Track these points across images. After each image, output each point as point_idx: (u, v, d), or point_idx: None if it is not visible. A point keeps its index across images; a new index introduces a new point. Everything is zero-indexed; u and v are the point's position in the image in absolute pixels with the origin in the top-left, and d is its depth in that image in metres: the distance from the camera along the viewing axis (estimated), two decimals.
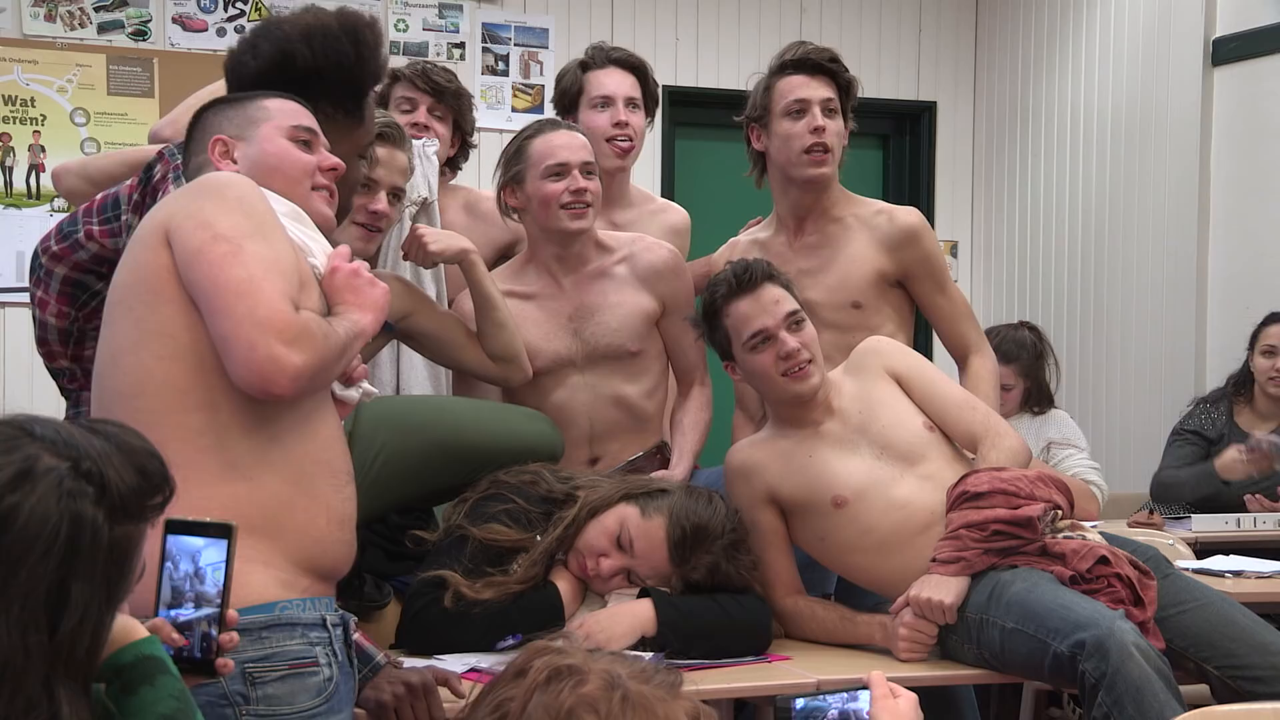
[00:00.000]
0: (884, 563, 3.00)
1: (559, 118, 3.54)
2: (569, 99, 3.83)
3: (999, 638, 2.80)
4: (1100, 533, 3.03)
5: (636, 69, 3.84)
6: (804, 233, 3.49)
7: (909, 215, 3.49)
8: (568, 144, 3.31)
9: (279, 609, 2.05)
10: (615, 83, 3.78)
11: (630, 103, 3.78)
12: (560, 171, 3.28)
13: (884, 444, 3.06)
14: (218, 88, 2.77)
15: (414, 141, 3.56)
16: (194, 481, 1.96)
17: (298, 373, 2.01)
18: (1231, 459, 4.88)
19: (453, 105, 3.71)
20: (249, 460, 2.05)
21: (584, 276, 3.39)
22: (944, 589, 2.83)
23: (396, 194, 3.19)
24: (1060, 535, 2.90)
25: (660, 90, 3.95)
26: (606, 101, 3.77)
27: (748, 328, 3.06)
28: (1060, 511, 2.93)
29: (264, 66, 2.53)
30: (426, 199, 3.58)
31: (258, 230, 2.07)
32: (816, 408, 3.11)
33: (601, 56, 3.83)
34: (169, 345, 2.03)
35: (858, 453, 3.06)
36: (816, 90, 3.42)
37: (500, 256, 3.68)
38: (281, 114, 2.33)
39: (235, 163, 2.28)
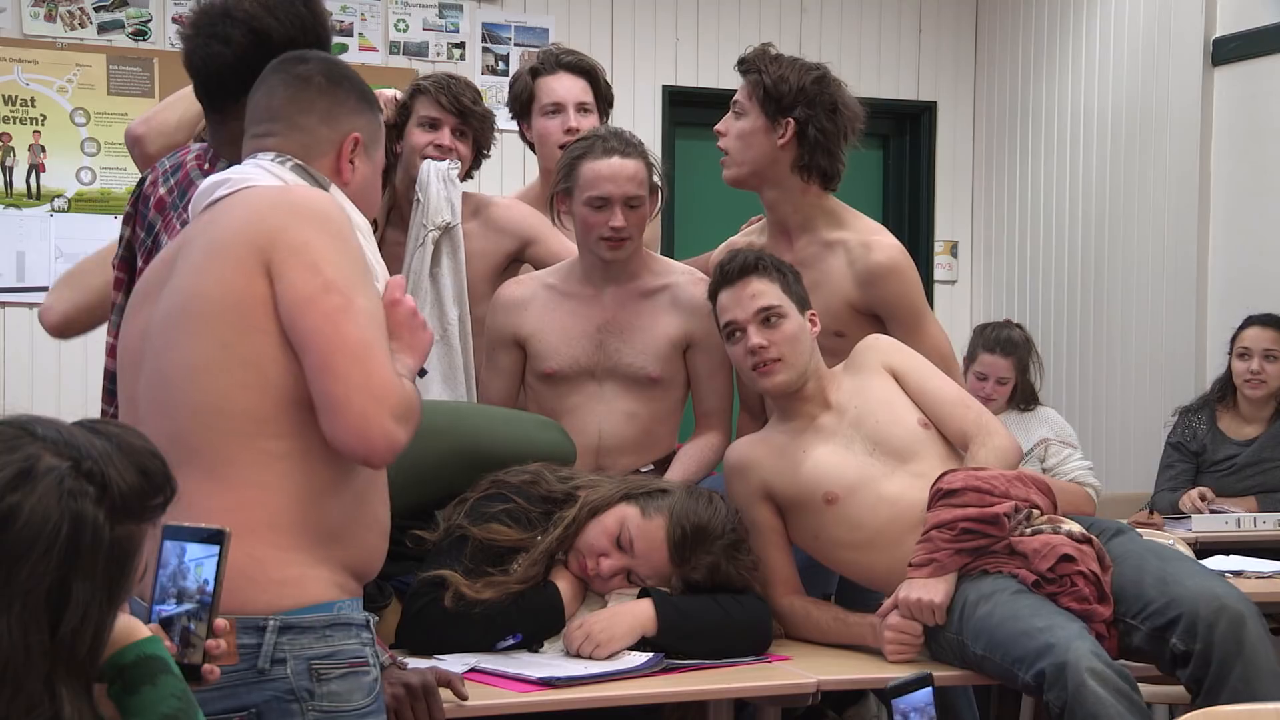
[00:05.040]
0: (875, 559, 3.00)
1: (611, 134, 3.38)
2: (521, 105, 3.82)
3: (975, 660, 2.82)
4: (1073, 518, 3.01)
5: (587, 73, 3.81)
6: (794, 249, 3.45)
7: (883, 253, 3.34)
8: (613, 176, 3.25)
9: (337, 609, 2.07)
10: (565, 88, 3.77)
11: (581, 107, 3.77)
12: (602, 205, 3.27)
13: (878, 440, 3.06)
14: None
15: (437, 164, 3.55)
16: (269, 500, 2.00)
17: (400, 447, 2.03)
18: None
19: (477, 127, 3.65)
20: (321, 482, 2.05)
21: (624, 292, 3.38)
22: (931, 589, 2.83)
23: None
24: (1029, 531, 2.88)
25: (664, 92, 3.92)
26: (557, 108, 3.76)
27: (722, 318, 3.12)
28: (1038, 511, 2.92)
29: (242, 51, 2.54)
30: (450, 223, 3.55)
31: (361, 276, 2.06)
32: (810, 401, 3.11)
33: (551, 62, 3.80)
34: (254, 375, 2.00)
35: (851, 449, 3.06)
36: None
37: (509, 262, 3.67)
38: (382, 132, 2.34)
39: (354, 168, 2.24)
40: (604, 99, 3.85)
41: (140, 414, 2.08)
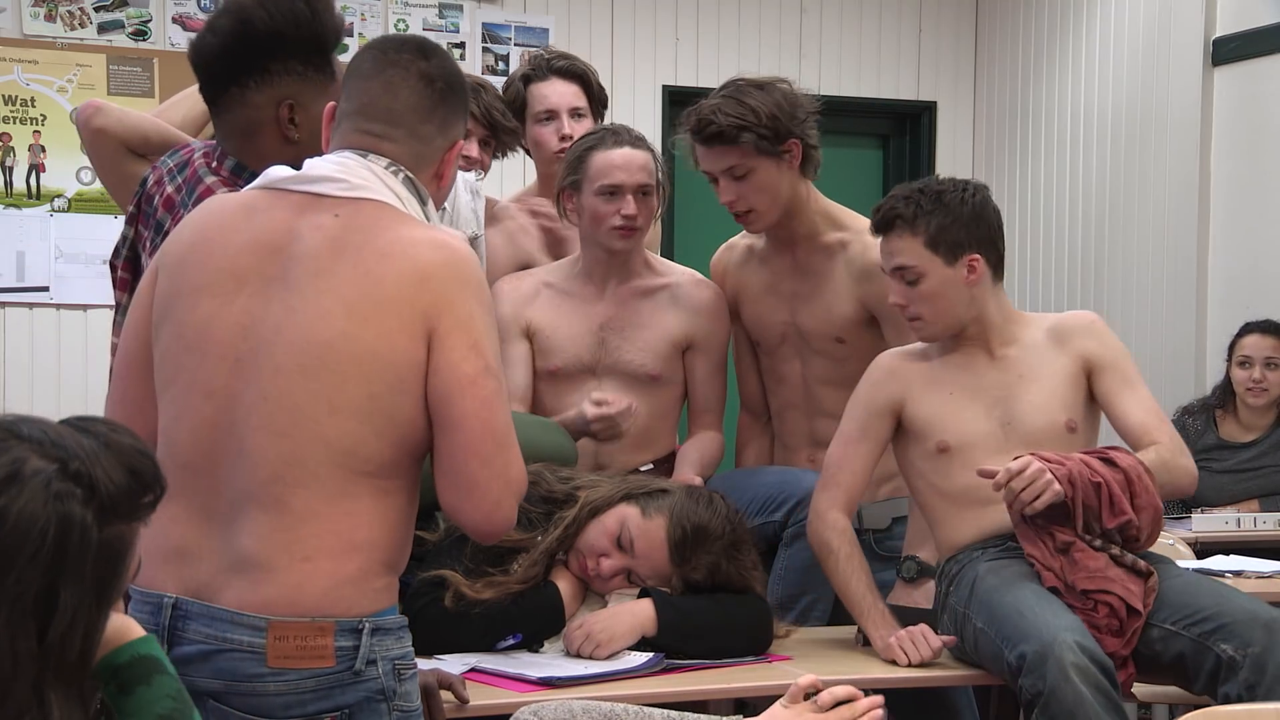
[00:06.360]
0: (944, 514, 3.01)
1: (619, 128, 3.44)
2: (513, 111, 3.78)
3: (973, 635, 2.83)
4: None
5: (579, 77, 3.79)
6: (795, 255, 3.44)
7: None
8: (625, 164, 3.29)
9: (398, 610, 2.12)
10: (558, 94, 3.75)
11: (574, 113, 3.75)
12: (614, 192, 3.28)
13: (1015, 418, 2.99)
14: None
15: (464, 175, 3.53)
16: (377, 522, 2.04)
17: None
18: None
19: (507, 142, 3.65)
20: (410, 508, 2.12)
21: (626, 291, 3.40)
22: (1052, 481, 2.74)
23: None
24: (1097, 544, 2.82)
25: (664, 92, 3.91)
26: (550, 114, 3.74)
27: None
28: (1134, 534, 2.85)
29: (226, 40, 2.55)
30: (476, 235, 3.55)
31: (499, 348, 2.12)
32: (972, 341, 3.04)
33: (543, 67, 3.78)
34: (391, 427, 2.03)
35: (990, 414, 3.00)
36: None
37: (519, 267, 3.67)
38: None
39: (450, 171, 2.24)
40: (598, 101, 3.83)
41: (242, 419, 2.04)
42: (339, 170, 2.12)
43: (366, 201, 2.10)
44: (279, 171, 2.17)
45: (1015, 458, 2.81)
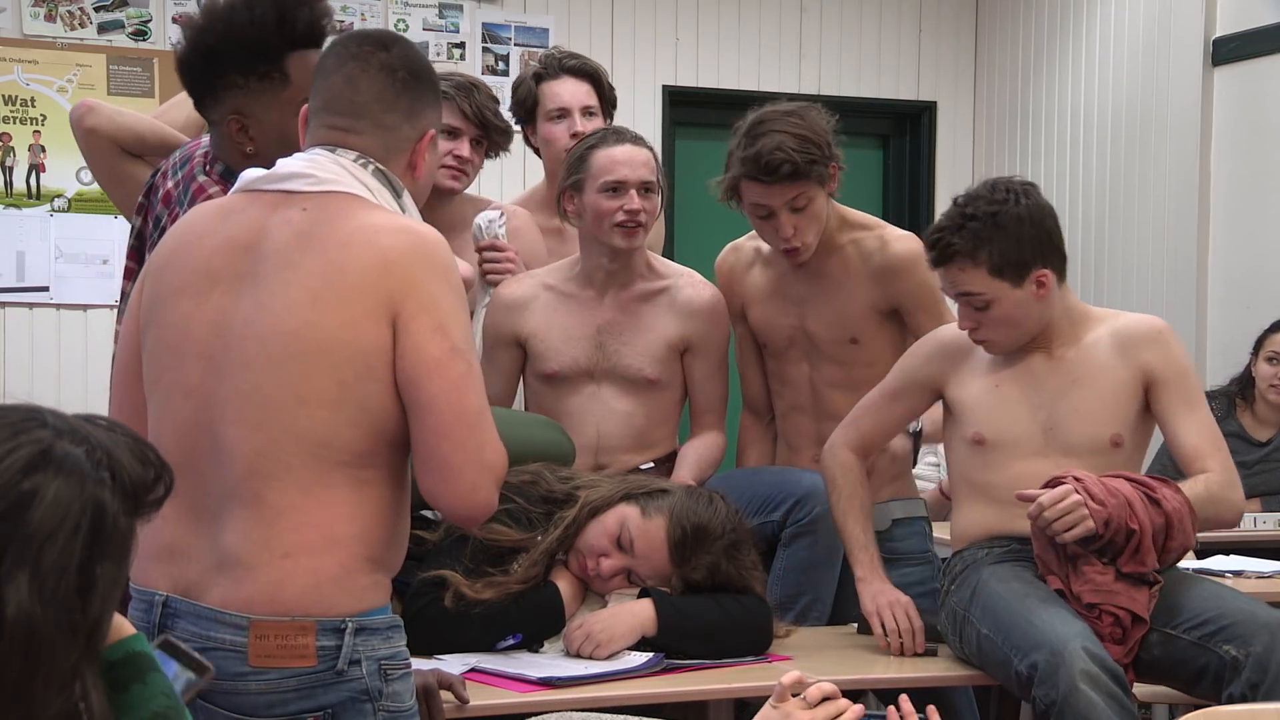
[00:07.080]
0: (968, 504, 3.00)
1: (621, 128, 3.46)
2: (524, 110, 3.80)
3: (976, 640, 2.82)
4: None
5: (591, 76, 3.80)
6: (808, 261, 3.45)
7: (903, 244, 3.31)
8: (628, 160, 3.30)
9: (389, 610, 2.12)
10: (569, 93, 3.75)
11: (586, 111, 3.75)
12: (618, 188, 3.28)
13: (1058, 423, 2.94)
14: None
15: (488, 218, 3.52)
16: (357, 516, 2.04)
17: (493, 511, 2.14)
18: None
19: (498, 141, 3.64)
20: (394, 502, 2.11)
21: (625, 294, 3.40)
22: (1086, 513, 2.70)
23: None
24: (1105, 560, 2.78)
25: (664, 92, 3.91)
26: (563, 113, 3.74)
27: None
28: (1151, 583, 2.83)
29: (180, 63, 2.57)
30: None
31: (470, 330, 2.11)
32: (1033, 341, 2.98)
33: (554, 66, 3.78)
34: (363, 416, 2.03)
35: (1034, 415, 2.96)
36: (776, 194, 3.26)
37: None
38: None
39: (424, 162, 2.23)
40: (607, 101, 3.84)
41: (218, 416, 2.05)
42: (308, 166, 2.13)
43: (335, 194, 2.11)
44: (252, 173, 2.19)
45: (1056, 480, 2.77)
